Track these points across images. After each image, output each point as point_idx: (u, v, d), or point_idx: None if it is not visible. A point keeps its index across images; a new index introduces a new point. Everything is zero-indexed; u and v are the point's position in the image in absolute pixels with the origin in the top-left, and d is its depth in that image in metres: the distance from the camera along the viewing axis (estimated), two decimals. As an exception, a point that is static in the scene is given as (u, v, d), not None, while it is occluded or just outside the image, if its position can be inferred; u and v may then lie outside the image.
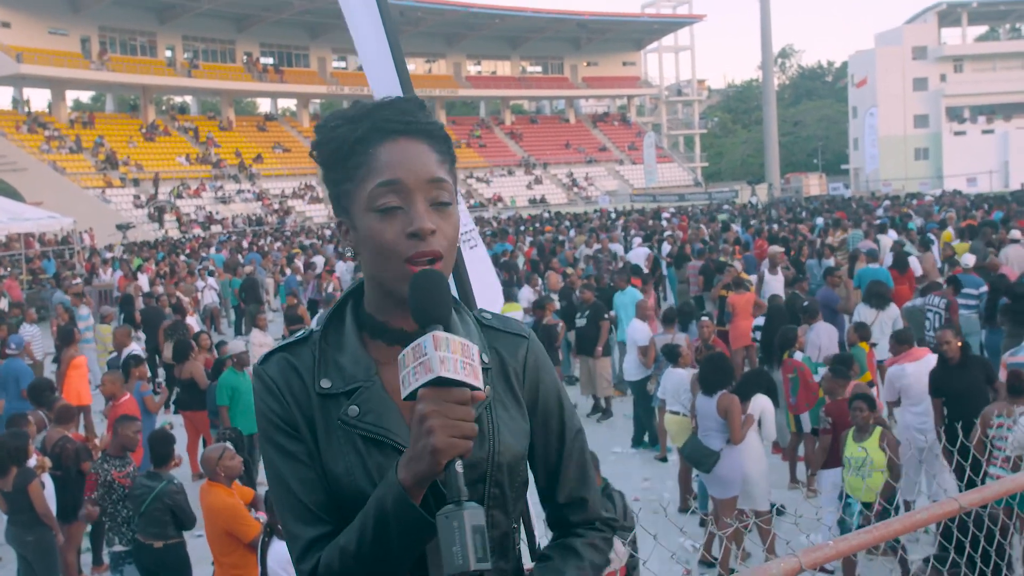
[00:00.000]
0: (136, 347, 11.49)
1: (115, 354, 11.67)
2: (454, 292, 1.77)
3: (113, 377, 9.72)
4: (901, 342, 8.59)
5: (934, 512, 2.42)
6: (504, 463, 1.63)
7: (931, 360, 8.25)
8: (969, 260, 13.52)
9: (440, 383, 1.39)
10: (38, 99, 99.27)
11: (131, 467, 7.16)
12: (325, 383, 1.59)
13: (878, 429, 6.86)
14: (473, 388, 1.42)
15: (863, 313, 10.99)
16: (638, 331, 11.17)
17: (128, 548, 6.68)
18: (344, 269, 20.99)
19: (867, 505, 6.35)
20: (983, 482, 3.08)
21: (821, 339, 10.01)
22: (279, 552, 5.25)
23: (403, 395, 1.42)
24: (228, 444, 6.51)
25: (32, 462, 7.12)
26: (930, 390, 8.07)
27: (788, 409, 9.12)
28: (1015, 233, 16.14)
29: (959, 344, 7.89)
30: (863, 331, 9.71)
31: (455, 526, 1.36)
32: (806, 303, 10.78)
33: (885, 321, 10.66)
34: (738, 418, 7.49)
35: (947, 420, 7.67)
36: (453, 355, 1.40)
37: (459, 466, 1.40)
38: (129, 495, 6.62)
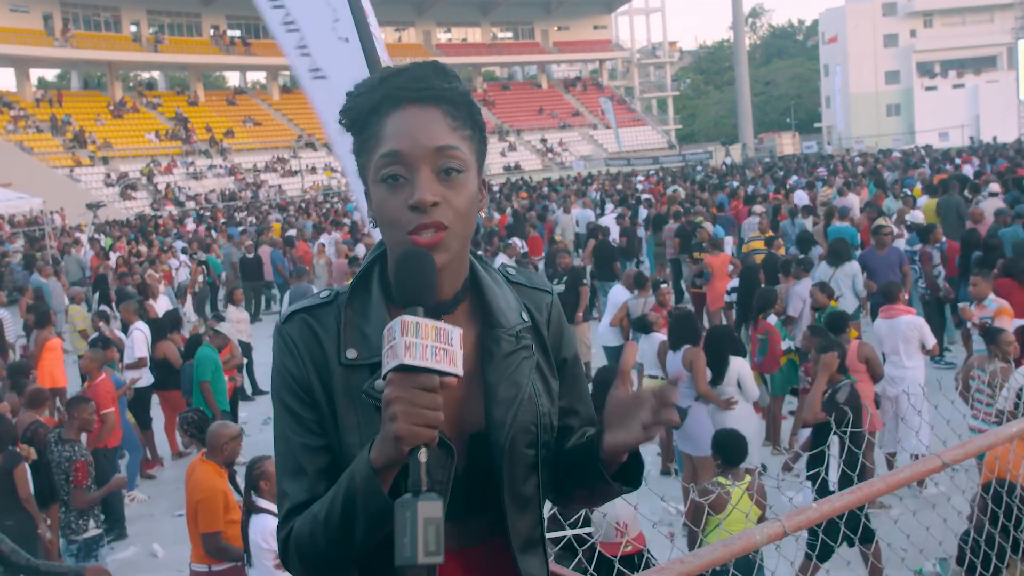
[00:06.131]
0: (141, 324, 11.16)
1: (97, 334, 11.44)
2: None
3: (91, 355, 9.58)
4: (885, 296, 8.64)
5: (917, 469, 2.41)
6: (548, 424, 1.67)
7: (903, 320, 8.28)
8: (918, 216, 13.68)
9: (406, 369, 1.35)
10: (2, 78, 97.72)
11: (79, 448, 7.07)
12: (351, 353, 1.56)
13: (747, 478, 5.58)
14: (443, 374, 1.37)
15: (821, 271, 10.92)
16: (617, 295, 11.19)
17: (102, 530, 6.60)
18: (328, 241, 20.35)
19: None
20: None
21: (804, 295, 9.98)
22: (259, 525, 5.20)
23: (382, 376, 1.38)
24: (242, 428, 6.26)
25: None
26: None
27: (752, 368, 9.12)
28: (993, 187, 16.21)
29: None
30: (828, 290, 9.62)
31: (407, 516, 1.31)
32: (795, 260, 10.82)
33: (841, 278, 10.58)
34: (703, 371, 7.58)
35: None
36: (423, 341, 1.36)
37: (423, 455, 1.35)
38: None
